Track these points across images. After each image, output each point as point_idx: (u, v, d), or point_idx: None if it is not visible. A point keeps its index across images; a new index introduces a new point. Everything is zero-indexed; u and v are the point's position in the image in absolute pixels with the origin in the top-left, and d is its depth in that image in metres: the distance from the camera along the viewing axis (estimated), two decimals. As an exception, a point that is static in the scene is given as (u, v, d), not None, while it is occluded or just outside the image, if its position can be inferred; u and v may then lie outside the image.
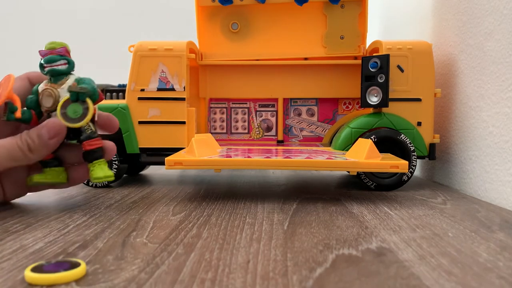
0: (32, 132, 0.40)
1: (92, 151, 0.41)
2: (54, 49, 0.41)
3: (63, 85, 0.41)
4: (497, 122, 0.48)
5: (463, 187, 0.55)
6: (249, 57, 0.62)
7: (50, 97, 0.41)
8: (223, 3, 0.60)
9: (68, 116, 0.40)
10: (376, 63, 0.54)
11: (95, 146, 0.41)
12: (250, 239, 0.32)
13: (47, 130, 0.39)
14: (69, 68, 0.41)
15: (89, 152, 0.41)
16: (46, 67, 0.41)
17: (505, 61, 0.46)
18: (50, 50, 0.41)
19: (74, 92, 0.40)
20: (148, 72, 0.55)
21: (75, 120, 0.40)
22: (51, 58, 0.40)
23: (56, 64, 0.40)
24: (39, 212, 0.41)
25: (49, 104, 0.41)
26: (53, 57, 0.40)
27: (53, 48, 0.41)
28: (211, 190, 0.54)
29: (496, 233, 0.34)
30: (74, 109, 0.40)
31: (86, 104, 0.40)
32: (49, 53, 0.41)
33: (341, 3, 0.60)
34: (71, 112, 0.40)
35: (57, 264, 0.25)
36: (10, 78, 0.40)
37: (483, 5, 0.51)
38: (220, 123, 0.66)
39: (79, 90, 0.40)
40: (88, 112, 0.40)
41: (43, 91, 0.41)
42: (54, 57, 0.40)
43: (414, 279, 0.24)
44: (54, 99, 0.40)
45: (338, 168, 0.45)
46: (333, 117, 0.65)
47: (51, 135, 0.39)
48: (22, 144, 0.39)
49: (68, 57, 0.41)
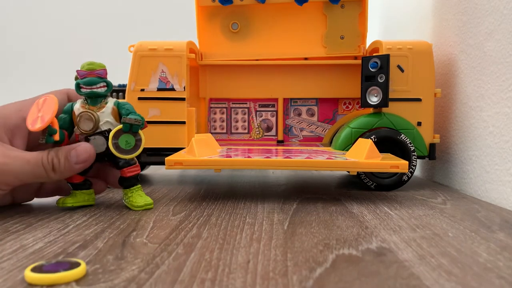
0: (60, 152, 0.39)
1: (130, 178, 0.42)
2: (93, 70, 0.40)
3: (103, 109, 0.41)
4: (497, 122, 0.48)
5: (463, 187, 0.55)
6: (249, 57, 0.62)
7: (89, 120, 0.40)
8: (223, 3, 0.60)
9: (120, 147, 0.40)
10: (376, 63, 0.54)
11: (133, 174, 0.42)
12: (250, 239, 0.32)
13: (76, 154, 0.39)
14: (108, 91, 0.41)
15: (128, 179, 0.42)
16: (85, 89, 0.40)
17: (505, 61, 0.46)
18: (89, 71, 0.40)
19: (128, 124, 0.40)
20: (148, 72, 0.55)
21: (127, 152, 0.40)
22: (91, 80, 0.40)
23: (96, 86, 0.40)
24: (39, 212, 0.41)
25: (89, 128, 0.40)
26: (94, 80, 0.40)
27: (93, 69, 0.40)
28: (211, 190, 0.54)
29: (496, 233, 0.34)
30: (127, 140, 0.40)
31: (139, 136, 0.40)
32: (88, 74, 0.40)
33: (341, 3, 0.60)
34: (123, 143, 0.40)
35: (57, 264, 0.25)
36: (54, 101, 0.39)
37: (483, 5, 0.51)
38: (220, 123, 0.66)
39: (134, 122, 0.39)
40: (141, 144, 0.40)
41: (81, 114, 0.40)
42: (94, 79, 0.40)
43: (414, 279, 0.24)
44: (94, 123, 0.40)
45: (338, 168, 0.45)
46: (333, 117, 0.65)
47: (80, 160, 0.39)
48: (47, 163, 0.38)
49: (107, 80, 0.41)
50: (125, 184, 0.42)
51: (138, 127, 0.40)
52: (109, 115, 0.41)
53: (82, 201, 0.42)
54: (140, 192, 0.43)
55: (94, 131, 0.41)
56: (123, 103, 0.42)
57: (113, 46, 1.07)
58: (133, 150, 0.40)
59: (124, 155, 0.40)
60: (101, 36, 1.18)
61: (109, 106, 0.41)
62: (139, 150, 0.40)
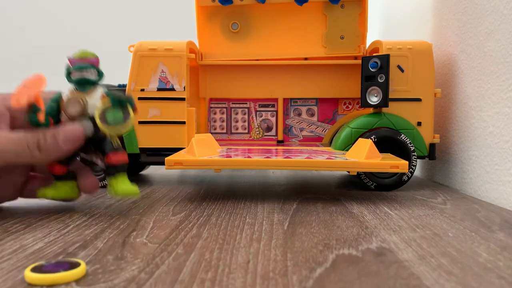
0: (47, 131, 0.38)
1: (116, 165, 0.40)
2: (85, 58, 0.39)
3: (92, 94, 0.39)
4: (497, 122, 0.48)
5: (463, 187, 0.55)
6: (249, 57, 0.62)
7: (77, 103, 0.39)
8: (223, 3, 0.60)
9: (107, 120, 0.38)
10: (376, 63, 0.54)
11: (121, 161, 0.40)
12: (250, 239, 0.32)
13: (64, 133, 0.38)
14: (99, 79, 0.40)
15: (113, 166, 0.40)
16: (75, 74, 0.39)
17: (505, 61, 0.46)
18: (81, 58, 0.39)
19: (117, 98, 0.38)
20: (148, 72, 0.55)
21: (115, 125, 0.38)
22: (81, 66, 0.39)
23: (87, 71, 0.39)
24: (39, 212, 0.41)
25: (75, 110, 0.39)
26: (85, 65, 0.39)
27: (85, 57, 0.39)
28: (211, 190, 0.54)
29: (496, 233, 0.34)
30: (114, 114, 0.38)
31: (127, 111, 0.39)
32: (79, 60, 0.39)
33: (341, 3, 0.60)
34: (110, 116, 0.38)
35: (57, 264, 0.25)
36: (42, 79, 0.38)
37: (483, 5, 0.51)
38: (220, 123, 0.66)
39: (123, 97, 0.38)
40: (129, 118, 0.39)
41: (69, 99, 0.39)
42: (86, 65, 0.39)
43: (414, 279, 0.24)
44: (82, 106, 0.39)
45: (338, 168, 0.45)
46: (333, 117, 0.65)
47: (68, 138, 0.37)
48: (32, 140, 0.37)
49: (99, 69, 0.40)
50: (110, 171, 0.40)
51: (127, 101, 0.39)
52: (98, 100, 0.39)
53: (64, 194, 0.41)
54: (125, 180, 0.40)
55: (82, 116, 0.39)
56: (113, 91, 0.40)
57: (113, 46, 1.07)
58: (121, 123, 0.38)
59: (110, 128, 0.38)
60: (101, 36, 1.18)
61: (98, 92, 0.40)
62: (128, 124, 0.38)
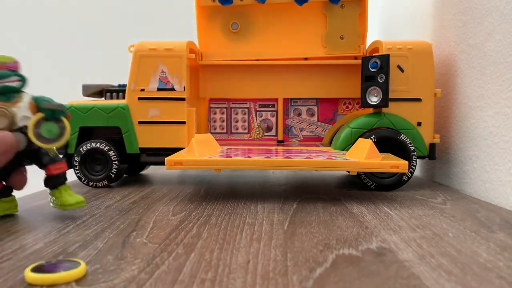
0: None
1: (57, 176, 0.38)
2: (3, 64, 0.37)
3: (18, 104, 0.36)
4: (497, 122, 0.48)
5: (463, 187, 0.55)
6: (249, 57, 0.62)
7: (3, 116, 0.36)
8: (223, 3, 0.60)
9: (42, 136, 0.36)
10: (376, 63, 0.54)
11: (60, 171, 0.39)
12: (250, 239, 0.32)
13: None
14: (22, 85, 0.37)
15: (55, 177, 0.38)
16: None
17: (505, 61, 0.46)
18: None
19: (49, 110, 0.36)
20: (148, 72, 0.55)
21: (51, 141, 0.37)
22: (1, 74, 0.36)
23: (8, 80, 0.36)
24: (39, 212, 0.41)
25: (3, 125, 0.36)
26: (5, 73, 0.36)
27: (2, 62, 0.36)
28: (211, 190, 0.54)
29: (496, 233, 0.34)
30: (49, 128, 0.37)
31: (62, 123, 0.37)
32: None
33: (341, 3, 0.60)
34: (45, 131, 0.36)
35: (57, 264, 0.25)
36: None
37: (483, 5, 0.51)
38: (220, 123, 0.66)
39: (56, 107, 0.36)
40: (65, 131, 0.37)
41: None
42: (6, 72, 0.36)
43: (414, 279, 0.24)
44: (9, 119, 0.36)
45: (338, 168, 0.45)
46: (333, 117, 0.65)
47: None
48: None
49: (20, 73, 0.37)
50: (52, 183, 0.38)
51: (61, 113, 0.37)
52: (26, 110, 0.37)
53: (2, 211, 0.39)
54: (69, 191, 0.39)
55: (11, 129, 0.36)
56: (42, 97, 0.38)
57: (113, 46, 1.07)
58: (57, 138, 0.37)
59: (47, 145, 0.37)
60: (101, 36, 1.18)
61: (25, 101, 0.37)
62: (65, 137, 0.37)
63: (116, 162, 0.55)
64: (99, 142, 0.55)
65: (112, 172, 0.55)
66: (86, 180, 0.55)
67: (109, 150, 0.55)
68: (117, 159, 0.55)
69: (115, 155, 0.55)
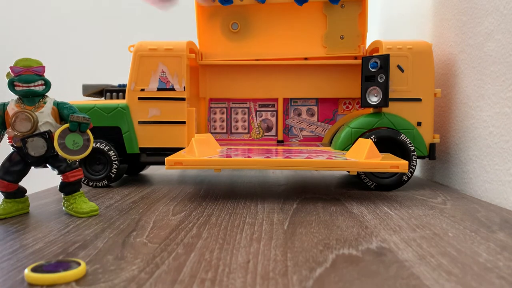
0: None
1: (73, 183, 0.39)
2: (30, 67, 0.37)
3: (42, 109, 0.37)
4: (497, 122, 0.48)
5: (463, 187, 0.55)
6: (249, 57, 0.62)
7: (27, 121, 0.37)
8: (223, 3, 0.60)
9: (67, 147, 0.37)
10: (376, 63, 0.54)
11: (77, 178, 0.39)
12: (250, 239, 0.32)
13: None
14: (46, 90, 0.38)
15: (71, 184, 0.39)
16: (21, 87, 0.37)
17: (505, 61, 0.46)
18: (25, 68, 0.37)
19: (75, 122, 0.37)
20: (148, 72, 0.55)
21: (75, 152, 0.37)
22: (28, 78, 0.37)
23: (34, 85, 0.37)
24: (39, 212, 0.41)
25: (26, 129, 0.37)
26: (31, 77, 0.37)
27: (29, 66, 0.37)
28: (211, 190, 0.54)
29: (496, 233, 0.34)
30: (74, 140, 0.37)
31: (87, 135, 0.38)
32: (24, 71, 0.37)
33: (341, 3, 0.60)
34: (70, 143, 0.37)
35: (57, 264, 0.25)
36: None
37: (483, 5, 0.51)
38: (220, 123, 0.66)
39: (82, 120, 0.37)
40: (90, 143, 0.38)
41: (17, 114, 0.37)
42: (32, 77, 0.37)
43: (414, 279, 0.24)
44: (32, 123, 0.37)
45: (338, 168, 0.45)
46: (333, 117, 0.65)
47: None
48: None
49: (46, 78, 0.38)
50: (67, 189, 0.39)
51: (87, 126, 0.38)
52: (49, 116, 0.38)
53: (15, 211, 0.40)
54: (83, 198, 0.40)
55: (32, 133, 0.37)
56: (64, 103, 0.39)
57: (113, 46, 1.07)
58: (81, 150, 0.38)
59: (72, 156, 0.37)
60: (101, 36, 1.18)
61: (49, 106, 0.38)
62: (88, 150, 0.38)
63: (116, 162, 0.55)
64: (99, 142, 0.55)
65: (112, 172, 0.55)
66: (86, 180, 0.55)
67: (109, 150, 0.55)
68: (117, 159, 0.55)
69: (115, 155, 0.55)
